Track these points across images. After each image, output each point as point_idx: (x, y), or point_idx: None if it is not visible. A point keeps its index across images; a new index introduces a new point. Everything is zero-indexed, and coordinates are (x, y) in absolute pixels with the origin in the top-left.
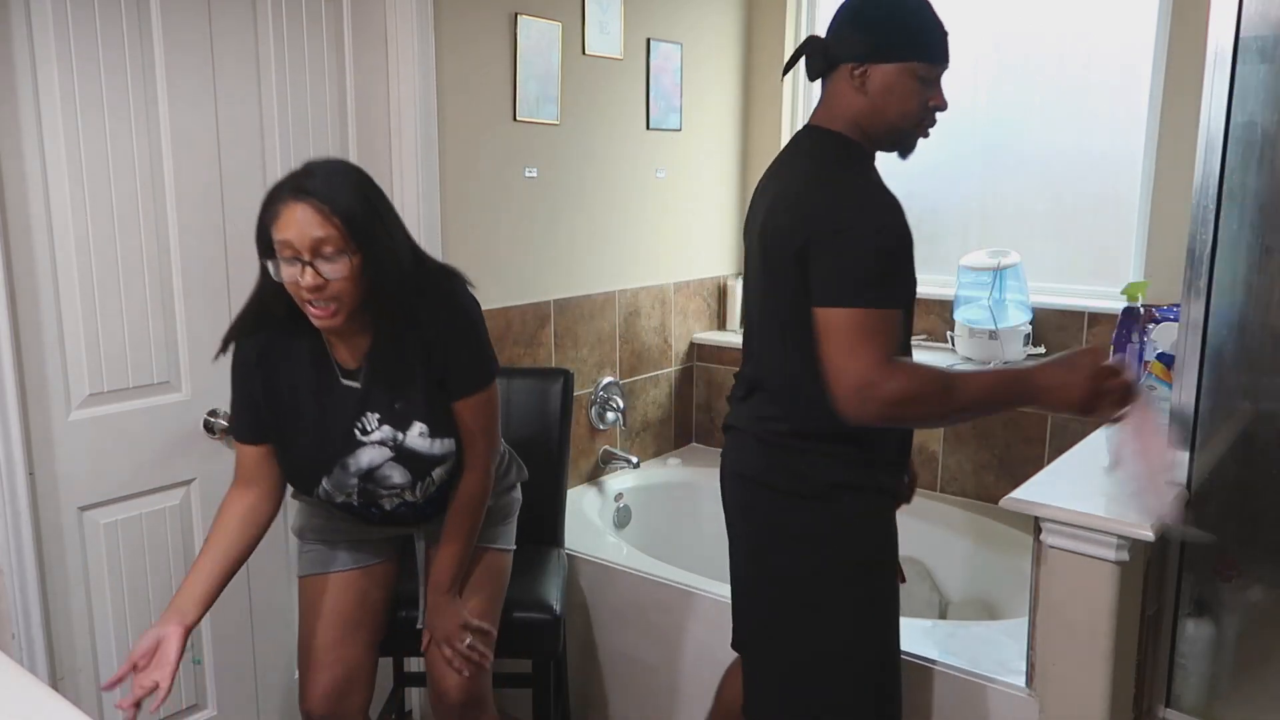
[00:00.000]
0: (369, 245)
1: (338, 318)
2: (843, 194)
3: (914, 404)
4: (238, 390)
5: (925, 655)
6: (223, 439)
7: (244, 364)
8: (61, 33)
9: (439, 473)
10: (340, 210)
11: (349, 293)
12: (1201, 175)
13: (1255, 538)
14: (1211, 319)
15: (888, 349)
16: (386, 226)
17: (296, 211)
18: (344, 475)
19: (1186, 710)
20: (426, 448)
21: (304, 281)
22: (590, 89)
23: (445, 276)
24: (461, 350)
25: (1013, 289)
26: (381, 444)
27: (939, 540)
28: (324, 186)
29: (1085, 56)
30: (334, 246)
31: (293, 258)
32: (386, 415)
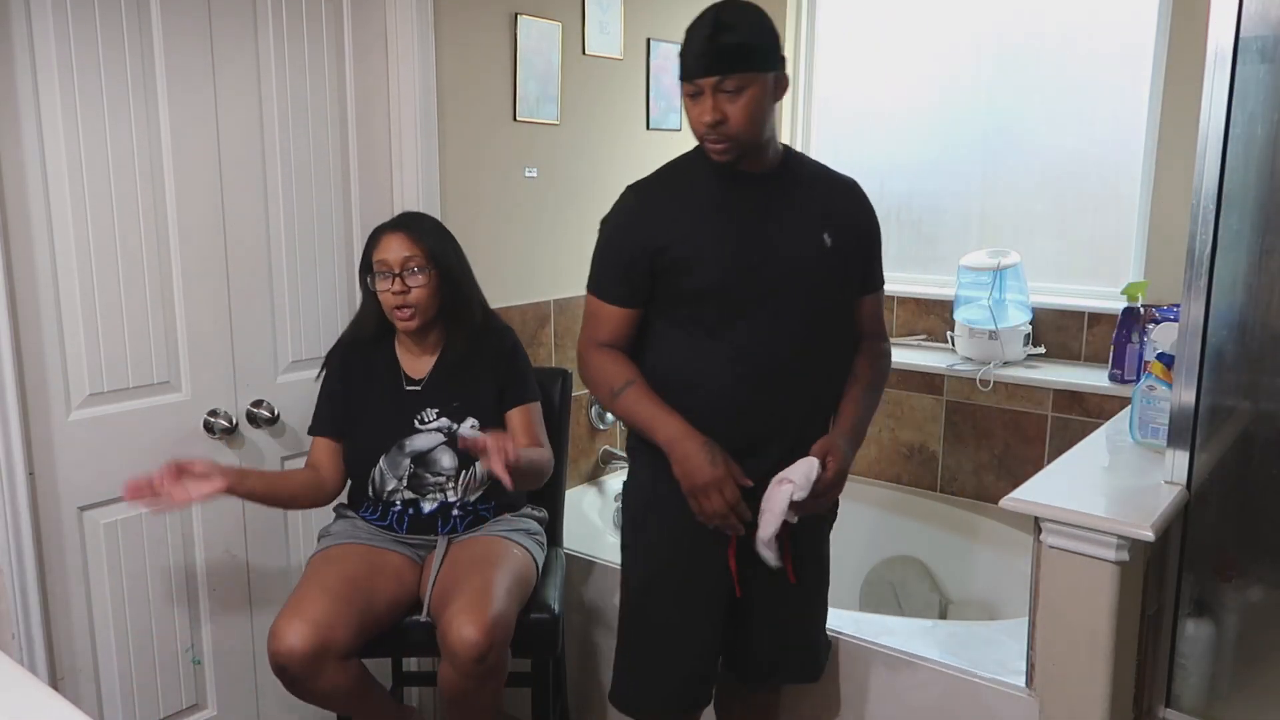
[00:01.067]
0: (444, 267)
1: (414, 321)
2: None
3: (594, 389)
4: (324, 389)
5: (925, 655)
6: (223, 439)
7: (332, 367)
8: (61, 33)
9: (482, 466)
10: (424, 238)
11: (425, 300)
12: (1201, 175)
13: (1255, 538)
14: (1211, 319)
15: (593, 332)
16: (458, 261)
17: (391, 239)
18: (399, 455)
19: (1186, 710)
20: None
21: (395, 287)
22: (590, 89)
23: (499, 317)
24: (518, 370)
25: (1013, 289)
26: (437, 430)
27: (939, 540)
28: (414, 222)
29: (1085, 57)
30: (418, 264)
31: (386, 272)
32: (445, 410)
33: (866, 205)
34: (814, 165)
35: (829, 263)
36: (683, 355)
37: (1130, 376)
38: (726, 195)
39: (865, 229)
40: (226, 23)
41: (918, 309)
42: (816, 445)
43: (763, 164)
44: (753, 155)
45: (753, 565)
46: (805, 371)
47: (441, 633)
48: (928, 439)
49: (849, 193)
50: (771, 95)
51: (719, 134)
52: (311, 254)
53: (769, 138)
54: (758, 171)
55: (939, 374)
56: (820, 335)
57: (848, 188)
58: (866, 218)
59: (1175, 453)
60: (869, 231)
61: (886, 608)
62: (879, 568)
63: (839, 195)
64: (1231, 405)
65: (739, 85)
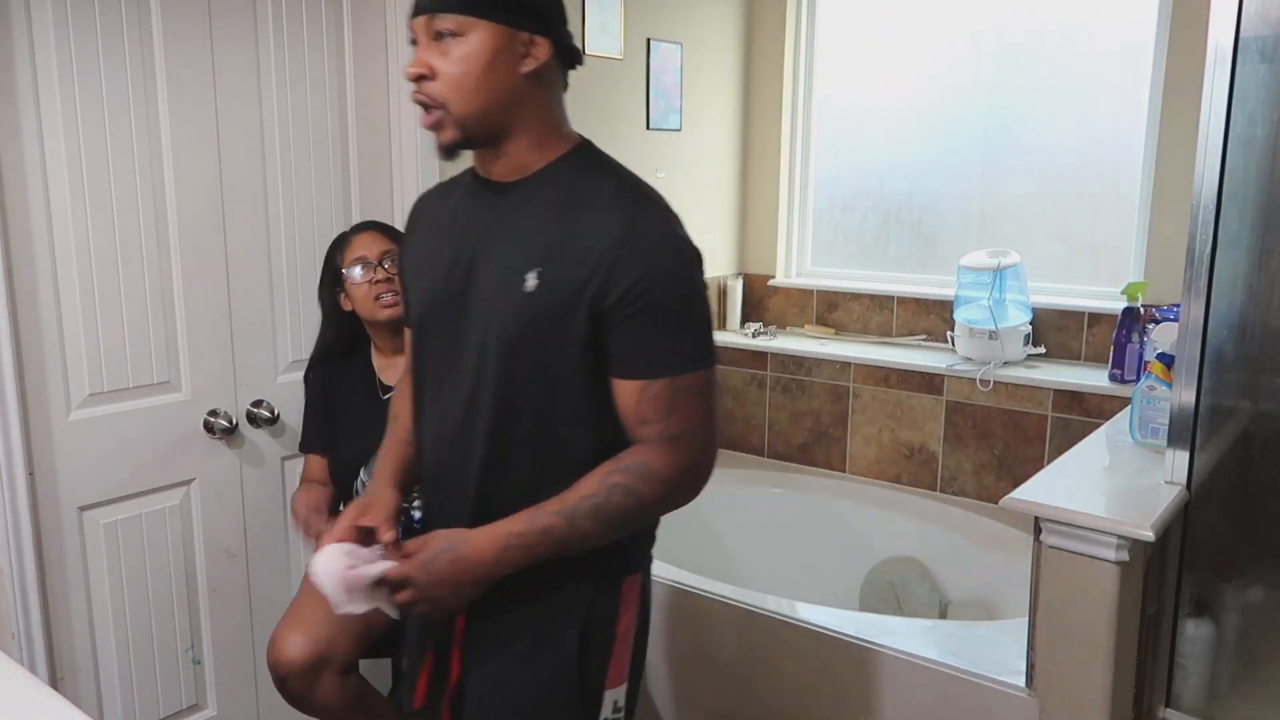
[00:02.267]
0: None
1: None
2: None
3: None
4: (308, 406)
5: (925, 655)
6: (222, 439)
7: (313, 384)
8: (61, 33)
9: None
10: (397, 236)
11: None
12: (1201, 175)
13: (1255, 538)
14: (1211, 319)
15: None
16: None
17: (364, 237)
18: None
19: (1186, 710)
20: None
21: (377, 276)
22: (590, 89)
23: None
24: None
25: (1013, 289)
26: None
27: (939, 540)
28: (380, 224)
29: (1085, 56)
30: (394, 257)
31: (366, 264)
32: None
33: (649, 255)
34: (590, 180)
35: (529, 314)
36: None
37: (1130, 376)
38: (459, 208)
39: (628, 285)
40: (226, 23)
41: (918, 309)
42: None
43: (515, 168)
44: (486, 145)
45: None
46: (476, 471)
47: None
48: (928, 439)
49: (621, 230)
50: (513, 59)
51: (423, 93)
52: (311, 254)
53: (514, 124)
54: (507, 180)
55: (939, 374)
56: (510, 423)
57: (624, 223)
58: (637, 270)
59: (1175, 453)
60: (640, 291)
61: (886, 608)
62: (879, 568)
63: (591, 227)
64: (1231, 405)
65: (454, 29)
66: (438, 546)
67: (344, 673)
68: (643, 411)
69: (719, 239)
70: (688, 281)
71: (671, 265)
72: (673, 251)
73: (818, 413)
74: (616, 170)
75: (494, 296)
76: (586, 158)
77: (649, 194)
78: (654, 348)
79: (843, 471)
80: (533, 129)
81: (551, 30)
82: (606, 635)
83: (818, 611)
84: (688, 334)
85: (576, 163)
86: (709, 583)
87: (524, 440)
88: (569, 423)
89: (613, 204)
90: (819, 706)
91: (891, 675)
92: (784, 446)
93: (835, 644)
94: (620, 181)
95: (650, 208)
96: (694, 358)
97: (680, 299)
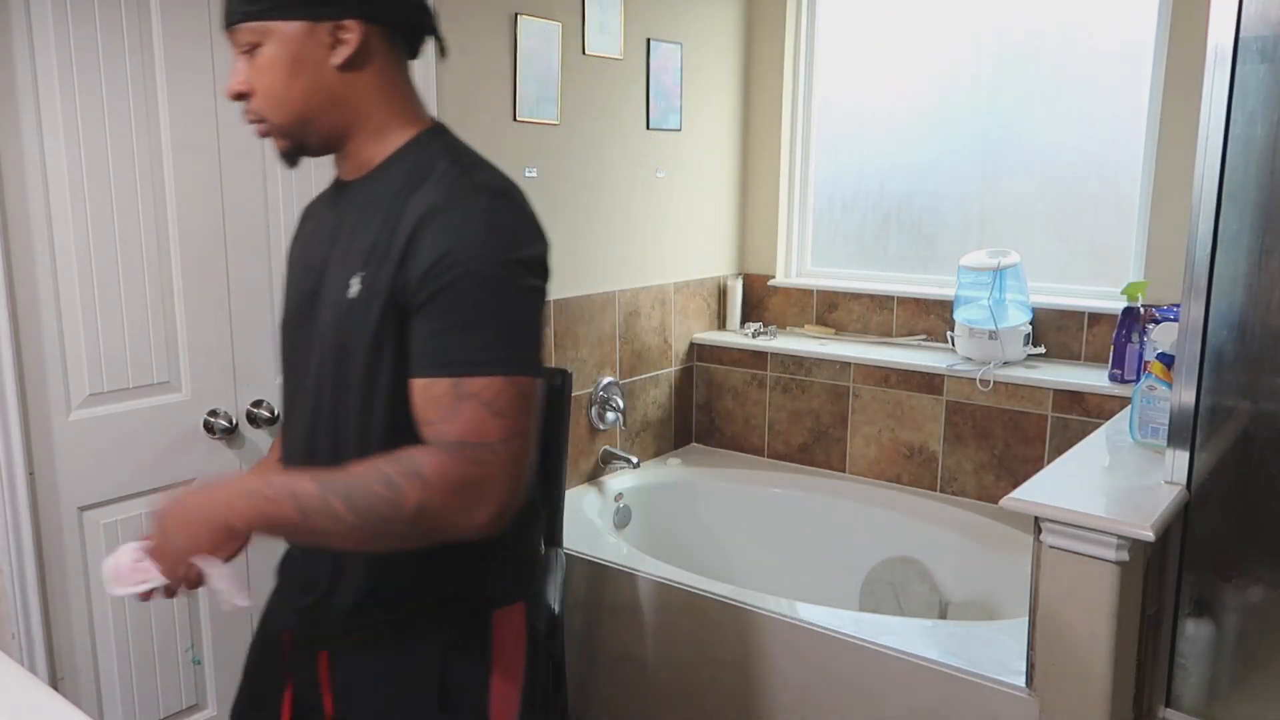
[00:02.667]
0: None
1: None
2: None
3: None
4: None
5: (925, 655)
6: (222, 439)
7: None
8: (61, 33)
9: None
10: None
11: None
12: (1201, 175)
13: (1255, 538)
14: (1211, 319)
15: None
16: None
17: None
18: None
19: (1186, 710)
20: None
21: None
22: (590, 89)
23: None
24: None
25: (1013, 289)
26: None
27: (939, 540)
28: None
29: (1085, 57)
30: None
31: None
32: None
33: (454, 236)
34: (423, 167)
35: (350, 324)
36: None
37: (1130, 376)
38: (318, 208)
39: (425, 268)
40: None
41: (918, 309)
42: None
43: (359, 165)
44: (328, 148)
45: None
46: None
47: None
48: (928, 439)
49: (428, 209)
50: (319, 55)
51: (250, 112)
52: None
53: (348, 120)
54: (351, 179)
55: (939, 374)
56: (345, 449)
57: (433, 202)
58: (436, 251)
59: (1175, 453)
60: (434, 275)
61: (886, 608)
62: (879, 568)
63: (408, 212)
64: (1231, 405)
65: (253, 40)
66: (194, 486)
67: None
68: (426, 412)
69: (719, 239)
70: (496, 276)
71: (479, 251)
72: (484, 237)
73: (818, 413)
74: (458, 154)
75: (328, 308)
76: (430, 142)
77: (485, 180)
78: (443, 344)
79: (843, 471)
80: (369, 120)
81: (360, 8)
82: (478, 675)
83: (818, 611)
84: (484, 333)
85: (415, 150)
86: (709, 583)
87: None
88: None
89: (434, 184)
90: (819, 706)
91: (891, 675)
92: (784, 446)
93: (835, 644)
94: (454, 163)
95: (475, 192)
96: (489, 361)
97: (483, 292)
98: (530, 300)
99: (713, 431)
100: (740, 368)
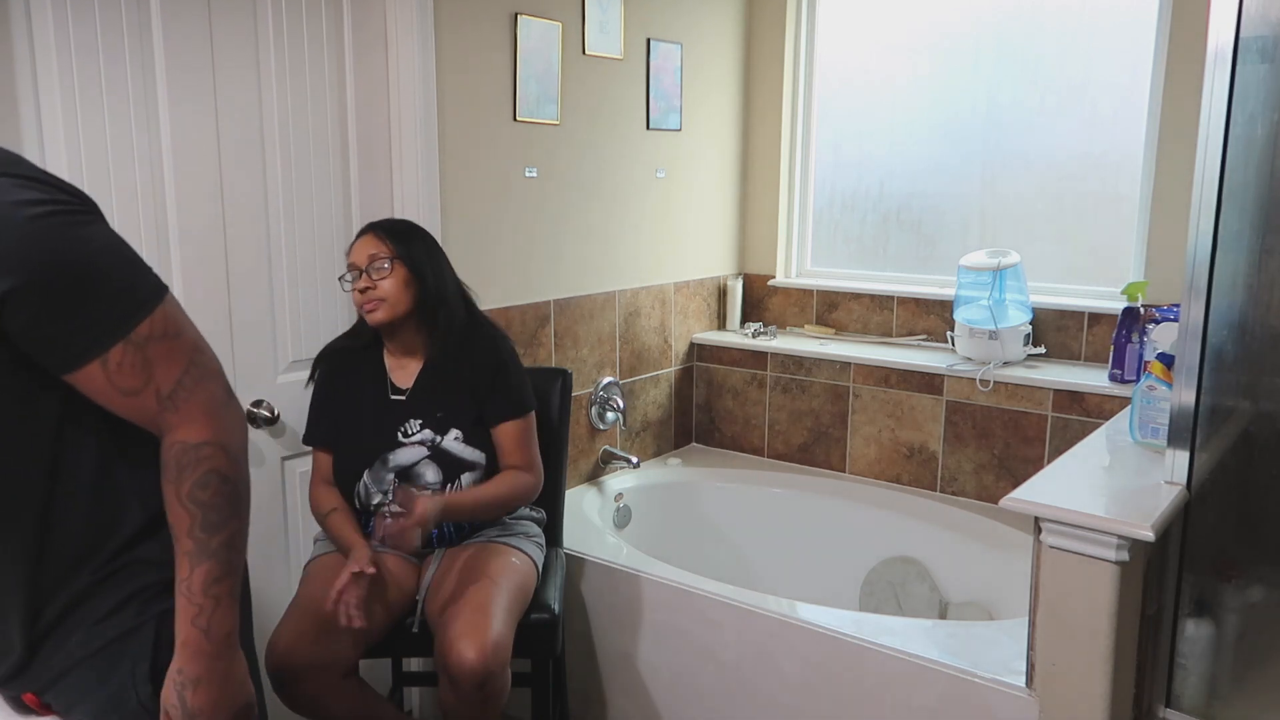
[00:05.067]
0: (413, 263)
1: (381, 314)
2: None
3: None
4: (314, 398)
5: (925, 655)
6: None
7: (320, 378)
8: (61, 33)
9: (467, 479)
10: (390, 238)
11: (392, 294)
12: (1201, 175)
13: (1255, 538)
14: (1211, 319)
15: None
16: (430, 259)
17: (361, 241)
18: (383, 470)
19: (1186, 710)
20: (460, 451)
21: (361, 283)
22: (590, 89)
23: (494, 326)
24: (508, 383)
25: (1013, 289)
26: (420, 444)
27: (939, 540)
28: (383, 224)
29: (1086, 56)
30: (382, 260)
31: (355, 271)
32: (429, 421)
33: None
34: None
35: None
36: None
37: (1130, 376)
38: None
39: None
40: (226, 23)
41: (918, 309)
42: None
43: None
44: None
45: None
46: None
47: (441, 653)
48: (928, 439)
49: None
50: None
51: None
52: (311, 254)
53: None
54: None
55: (939, 374)
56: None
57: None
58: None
59: (1175, 453)
60: (17, 283)
61: (886, 608)
62: (879, 568)
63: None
64: (1231, 405)
65: None
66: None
67: (344, 675)
68: (120, 383)
69: (719, 239)
70: (59, 245)
71: (31, 240)
72: (20, 225)
73: (818, 413)
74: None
75: None
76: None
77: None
78: (83, 323)
79: (843, 471)
80: None
81: None
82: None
83: (818, 611)
84: (107, 290)
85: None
86: (709, 583)
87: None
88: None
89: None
90: (819, 706)
91: (891, 675)
92: (784, 446)
93: (835, 644)
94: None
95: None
96: (132, 308)
97: (68, 264)
98: (96, 251)
99: (713, 431)
100: (740, 368)
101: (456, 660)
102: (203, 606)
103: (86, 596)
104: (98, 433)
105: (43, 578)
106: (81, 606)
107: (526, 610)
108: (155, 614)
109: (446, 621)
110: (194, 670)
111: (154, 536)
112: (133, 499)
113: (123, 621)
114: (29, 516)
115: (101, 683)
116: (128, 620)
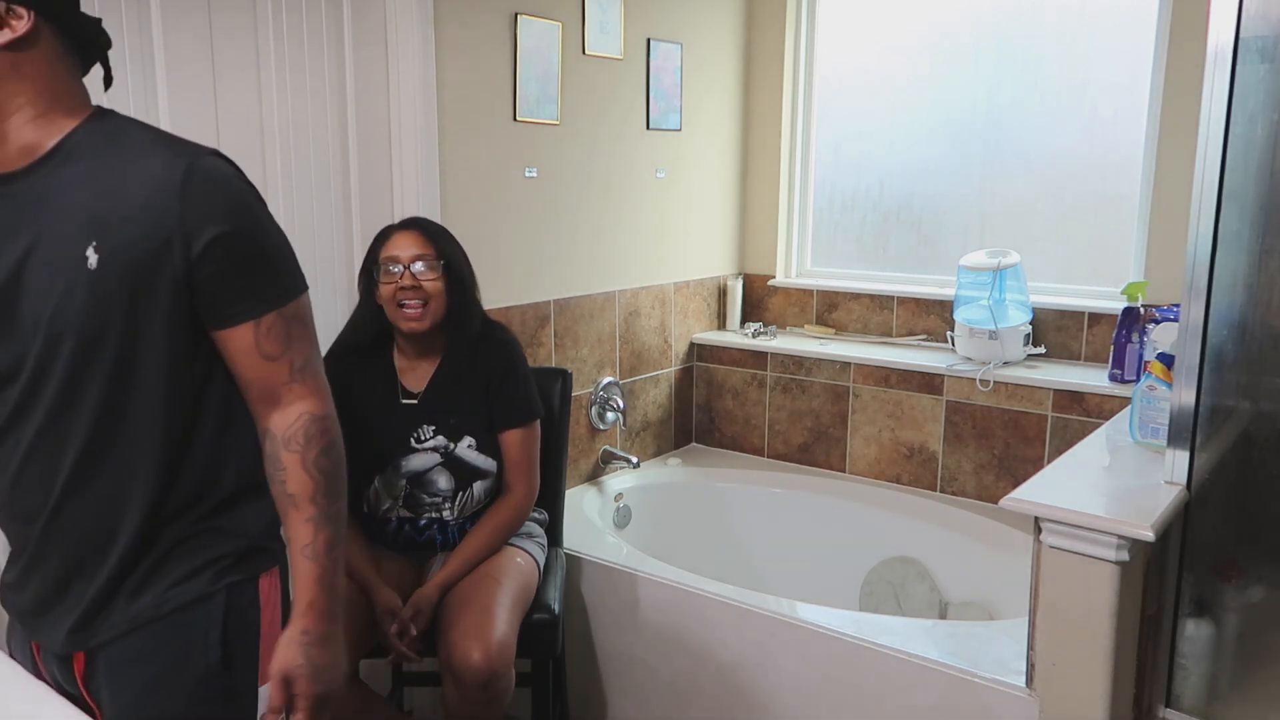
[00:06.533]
0: (455, 271)
1: (424, 321)
2: None
3: None
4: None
5: (925, 655)
6: None
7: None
8: None
9: (479, 487)
10: (437, 240)
11: (437, 298)
12: (1201, 175)
13: (1255, 538)
14: (1211, 319)
15: None
16: (467, 268)
17: (403, 235)
18: (394, 476)
19: (1186, 710)
20: (472, 459)
21: (404, 280)
22: (590, 89)
23: (505, 329)
24: (518, 388)
25: (1013, 289)
26: (434, 450)
27: (939, 540)
28: (427, 224)
29: (1086, 57)
30: (429, 262)
31: (396, 265)
32: (441, 427)
33: (219, 195)
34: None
35: (103, 292)
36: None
37: (1130, 376)
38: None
39: (212, 233)
40: (226, 22)
41: (918, 309)
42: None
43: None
44: None
45: None
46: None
47: (446, 653)
48: (928, 439)
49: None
50: None
51: None
52: (311, 254)
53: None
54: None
55: (939, 374)
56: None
57: (180, 169)
58: (213, 212)
59: (1175, 453)
60: (220, 233)
61: (886, 608)
62: (879, 568)
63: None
64: (1231, 405)
65: None
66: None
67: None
68: (265, 348)
69: (719, 239)
70: (257, 214)
71: (241, 200)
72: (236, 187)
73: (818, 413)
74: (146, 125)
75: (47, 293)
76: (109, 121)
77: (188, 141)
78: (252, 286)
79: (843, 471)
80: (29, 104)
81: (42, 5)
82: (250, 640)
83: (818, 611)
84: (276, 266)
85: (98, 128)
86: (709, 583)
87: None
88: (152, 412)
89: (156, 153)
90: (819, 706)
91: (891, 675)
92: (784, 446)
93: (835, 644)
94: (156, 134)
95: (199, 150)
96: (290, 287)
97: (259, 231)
98: (274, 223)
99: (713, 431)
100: (740, 368)
101: (461, 661)
102: (326, 568)
103: (170, 553)
104: (224, 393)
105: (154, 519)
106: (166, 562)
107: (527, 611)
108: (226, 584)
109: (451, 622)
110: (320, 629)
111: (237, 506)
112: (233, 462)
113: (196, 587)
114: (166, 454)
115: (166, 646)
116: (201, 586)
